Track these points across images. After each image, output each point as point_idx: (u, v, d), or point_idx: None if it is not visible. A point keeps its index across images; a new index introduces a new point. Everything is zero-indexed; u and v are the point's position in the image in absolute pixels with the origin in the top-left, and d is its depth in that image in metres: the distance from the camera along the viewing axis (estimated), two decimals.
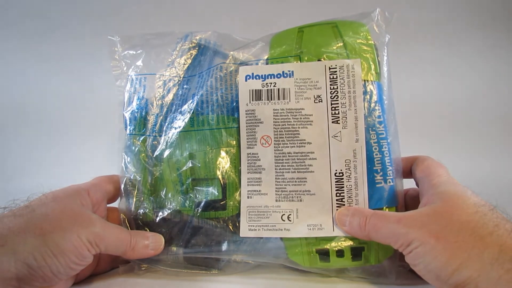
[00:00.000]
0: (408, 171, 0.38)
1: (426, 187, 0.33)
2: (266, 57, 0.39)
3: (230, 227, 0.37)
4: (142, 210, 0.38)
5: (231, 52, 0.40)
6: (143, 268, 0.38)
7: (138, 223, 0.38)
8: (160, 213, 0.37)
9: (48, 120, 0.77)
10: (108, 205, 0.39)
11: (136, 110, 0.40)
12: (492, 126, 0.77)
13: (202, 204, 0.37)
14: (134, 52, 0.40)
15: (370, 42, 0.38)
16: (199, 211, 0.37)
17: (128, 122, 0.39)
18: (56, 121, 0.77)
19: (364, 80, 0.36)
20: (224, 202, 0.37)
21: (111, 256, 0.37)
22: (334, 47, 0.38)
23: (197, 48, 0.41)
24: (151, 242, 0.35)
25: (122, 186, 0.38)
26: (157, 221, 0.37)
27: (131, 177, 0.38)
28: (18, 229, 0.27)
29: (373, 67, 0.37)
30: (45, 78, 0.78)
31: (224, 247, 0.37)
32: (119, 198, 0.39)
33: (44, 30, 0.78)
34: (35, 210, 0.29)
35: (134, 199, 0.38)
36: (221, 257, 0.37)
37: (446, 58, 0.79)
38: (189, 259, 0.37)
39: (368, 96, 0.36)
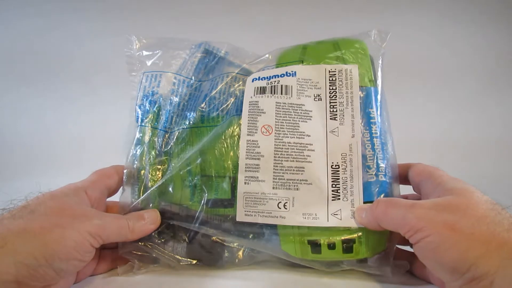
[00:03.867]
0: (404, 177, 0.38)
1: (431, 187, 0.33)
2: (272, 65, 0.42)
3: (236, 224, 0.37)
4: (150, 204, 0.37)
5: (243, 65, 0.43)
6: (142, 269, 0.37)
7: None
8: (167, 208, 0.37)
9: (48, 119, 0.77)
10: (109, 199, 0.39)
11: (150, 104, 0.40)
12: (493, 126, 0.79)
13: (210, 200, 0.37)
14: (150, 52, 0.42)
15: (366, 53, 0.41)
16: (206, 207, 0.37)
17: (140, 114, 0.40)
18: (55, 120, 0.76)
19: (360, 86, 0.39)
20: (232, 200, 0.37)
21: (111, 255, 0.37)
22: (334, 55, 0.41)
23: (210, 57, 0.43)
24: (147, 218, 0.35)
25: (125, 179, 0.38)
26: (162, 215, 0.37)
27: (139, 170, 0.38)
28: (18, 230, 0.27)
29: (368, 74, 0.40)
30: (45, 78, 0.78)
31: (229, 243, 0.37)
32: (122, 190, 0.39)
33: (44, 29, 0.80)
34: (34, 210, 0.29)
35: (141, 193, 0.37)
36: (223, 250, 0.37)
37: (446, 60, 0.83)
38: (192, 253, 0.37)
39: (364, 99, 0.39)
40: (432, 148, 0.77)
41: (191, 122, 0.39)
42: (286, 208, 0.36)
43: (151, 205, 0.37)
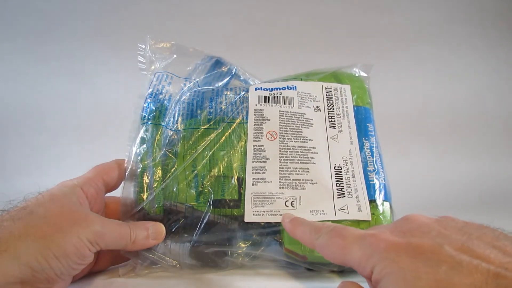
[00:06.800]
0: None
1: None
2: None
3: (242, 224, 0.37)
4: (155, 205, 0.36)
5: (250, 81, 0.46)
6: (144, 271, 0.36)
7: (146, 217, 0.36)
8: (172, 208, 0.36)
9: (47, 120, 0.74)
10: (110, 194, 0.38)
11: (158, 102, 0.41)
12: (492, 127, 0.81)
13: (217, 201, 0.37)
14: (164, 55, 0.43)
15: (362, 82, 0.46)
16: (212, 208, 0.36)
17: (148, 111, 0.40)
18: (55, 121, 0.73)
19: (359, 106, 0.43)
20: (239, 200, 0.37)
21: (110, 254, 0.36)
22: (331, 77, 0.46)
23: (221, 67, 0.46)
24: (151, 232, 0.34)
25: (127, 177, 0.37)
26: (167, 215, 0.36)
27: (143, 169, 0.38)
28: (19, 233, 0.27)
29: (365, 97, 0.44)
30: (44, 78, 0.78)
31: (233, 244, 0.37)
32: (123, 185, 0.38)
33: (44, 30, 0.80)
34: (33, 212, 0.29)
35: (145, 192, 0.37)
36: (227, 251, 0.36)
37: (446, 58, 0.85)
38: (196, 254, 0.36)
39: (363, 115, 0.43)
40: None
41: (198, 123, 0.40)
42: (293, 206, 0.37)
43: (156, 206, 0.36)
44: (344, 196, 0.37)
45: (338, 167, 0.39)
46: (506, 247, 0.21)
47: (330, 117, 0.42)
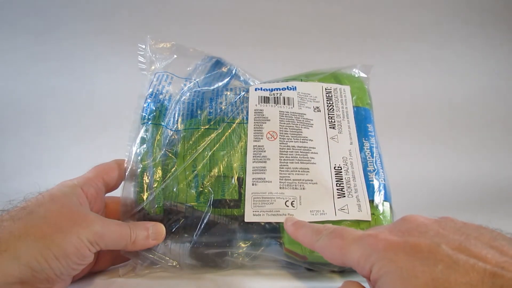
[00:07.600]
0: None
1: None
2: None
3: (242, 224, 0.37)
4: (155, 205, 0.36)
5: (250, 81, 0.46)
6: (144, 271, 0.36)
7: (146, 217, 0.36)
8: (171, 208, 0.36)
9: (47, 120, 0.74)
10: (110, 194, 0.38)
11: (158, 102, 0.41)
12: (493, 126, 0.81)
13: (217, 201, 0.37)
14: (165, 55, 0.43)
15: (362, 83, 0.46)
16: (212, 208, 0.36)
17: (148, 111, 0.40)
18: (55, 121, 0.73)
19: (359, 106, 0.43)
20: (239, 200, 0.37)
21: (110, 254, 0.36)
22: (331, 77, 0.46)
23: (221, 67, 0.46)
24: (151, 233, 0.34)
25: (127, 177, 0.37)
26: (167, 215, 0.36)
27: (143, 169, 0.38)
28: (19, 233, 0.27)
29: (365, 98, 0.45)
30: (44, 78, 0.78)
31: (234, 244, 0.37)
32: (123, 185, 0.38)
33: (44, 30, 0.80)
34: (33, 212, 0.29)
35: (145, 192, 0.37)
36: (227, 251, 0.36)
37: (446, 57, 0.85)
38: (196, 255, 0.36)
39: (362, 116, 0.43)
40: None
41: (198, 124, 0.40)
42: (293, 206, 0.37)
43: (156, 206, 0.36)
44: (344, 196, 0.37)
45: (338, 167, 0.39)
46: (503, 247, 0.21)
47: (330, 117, 0.42)
